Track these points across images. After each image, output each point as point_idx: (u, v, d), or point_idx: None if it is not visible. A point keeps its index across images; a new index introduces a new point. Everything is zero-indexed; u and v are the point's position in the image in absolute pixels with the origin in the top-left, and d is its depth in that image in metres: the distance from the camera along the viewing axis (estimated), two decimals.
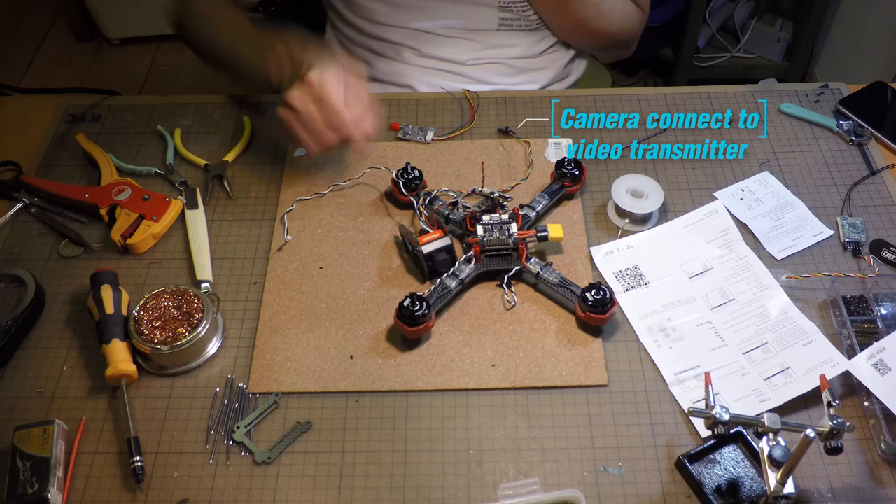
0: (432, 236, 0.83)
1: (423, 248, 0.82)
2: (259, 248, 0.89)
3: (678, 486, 0.71)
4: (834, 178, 0.95)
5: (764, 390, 0.76)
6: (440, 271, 0.84)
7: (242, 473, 0.72)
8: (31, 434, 0.72)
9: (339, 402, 0.77)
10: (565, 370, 0.78)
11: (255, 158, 0.99)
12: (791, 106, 1.03)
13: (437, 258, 0.83)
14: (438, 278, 0.82)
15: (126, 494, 0.71)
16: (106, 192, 0.92)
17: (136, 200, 0.91)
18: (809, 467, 0.72)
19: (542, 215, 0.91)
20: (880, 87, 1.06)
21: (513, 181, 0.95)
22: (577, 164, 0.91)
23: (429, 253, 0.82)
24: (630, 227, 0.90)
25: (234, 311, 0.84)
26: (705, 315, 0.82)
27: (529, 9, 1.06)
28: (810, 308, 0.83)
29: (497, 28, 1.08)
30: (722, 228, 0.89)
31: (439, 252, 0.82)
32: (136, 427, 0.74)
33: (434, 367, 0.79)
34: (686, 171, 0.96)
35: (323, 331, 0.82)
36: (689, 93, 1.06)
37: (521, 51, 1.11)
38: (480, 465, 0.72)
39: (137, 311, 0.79)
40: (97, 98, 1.06)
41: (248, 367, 0.79)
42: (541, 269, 0.83)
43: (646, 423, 0.75)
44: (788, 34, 2.17)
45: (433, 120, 1.03)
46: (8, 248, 0.90)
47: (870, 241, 0.88)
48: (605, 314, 0.78)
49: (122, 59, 2.51)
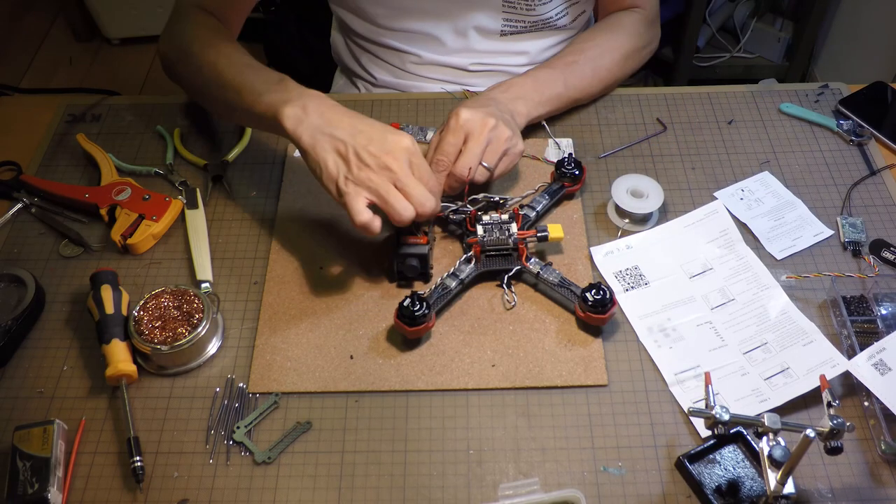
0: (415, 240, 0.83)
1: (399, 248, 0.83)
2: (259, 248, 0.89)
3: (678, 486, 0.71)
4: (834, 178, 0.95)
5: (764, 390, 0.76)
6: (406, 275, 0.84)
7: (242, 473, 0.72)
8: (31, 434, 0.72)
9: (339, 402, 0.77)
10: (565, 370, 0.78)
11: (255, 158, 0.99)
12: (791, 106, 1.03)
13: (408, 262, 0.83)
14: (405, 282, 0.84)
15: (126, 494, 0.71)
16: (106, 192, 0.92)
17: (137, 200, 0.91)
18: (809, 467, 0.72)
19: (542, 215, 0.91)
20: (880, 87, 1.06)
21: (513, 181, 0.94)
22: (577, 164, 0.91)
23: (402, 254, 0.82)
24: (630, 227, 0.90)
25: (234, 311, 0.84)
26: (705, 315, 0.82)
27: (534, 10, 1.05)
28: (810, 308, 0.83)
29: (500, 32, 1.08)
30: (722, 228, 0.89)
31: (411, 257, 0.82)
32: (136, 427, 0.74)
33: (434, 367, 0.79)
34: (686, 171, 0.96)
35: (323, 331, 0.82)
36: (689, 93, 1.06)
37: (526, 59, 1.10)
38: (480, 465, 0.72)
39: (137, 311, 0.79)
40: (97, 98, 1.06)
41: (248, 367, 0.79)
42: (541, 269, 0.83)
43: (646, 423, 0.75)
44: (788, 34, 2.17)
45: (433, 120, 1.03)
46: (8, 248, 0.90)
47: (870, 241, 0.88)
48: (605, 314, 0.78)
49: (122, 59, 2.51)
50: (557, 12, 1.07)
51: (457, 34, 1.08)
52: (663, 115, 1.03)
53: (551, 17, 1.07)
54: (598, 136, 1.00)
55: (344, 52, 1.19)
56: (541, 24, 1.08)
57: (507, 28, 1.07)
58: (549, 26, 1.09)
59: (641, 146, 0.99)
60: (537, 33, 1.09)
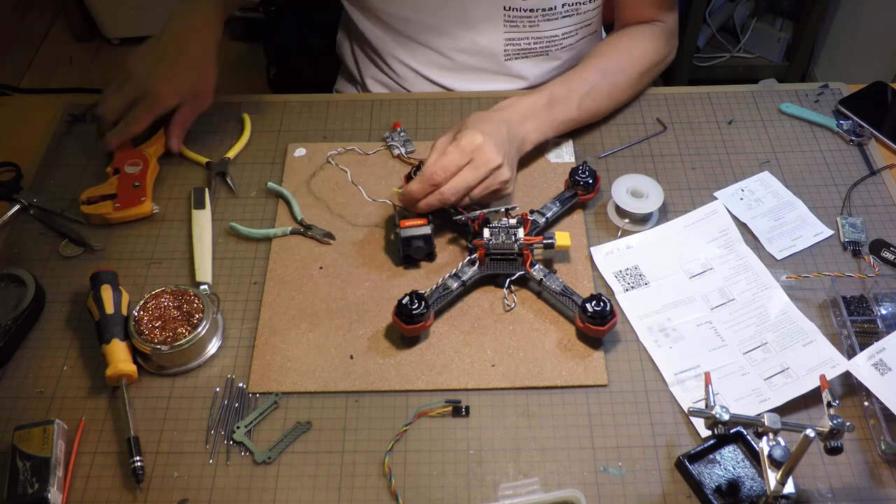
0: (416, 222, 0.84)
1: (402, 232, 0.83)
2: (259, 248, 0.89)
3: (678, 486, 0.71)
4: (834, 178, 0.95)
5: (764, 390, 0.76)
6: (414, 257, 0.85)
7: (242, 473, 0.72)
8: (31, 434, 0.72)
9: (339, 402, 0.77)
10: (565, 370, 0.78)
11: (255, 157, 0.99)
12: (791, 106, 1.03)
13: (413, 244, 0.84)
14: (412, 264, 0.86)
15: (126, 494, 0.71)
16: (134, 156, 0.95)
17: (129, 180, 0.93)
18: (809, 467, 0.72)
19: (552, 223, 0.90)
20: (880, 87, 1.06)
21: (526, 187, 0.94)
22: (591, 172, 0.90)
23: (406, 237, 0.83)
24: (630, 227, 0.90)
25: (234, 311, 0.84)
26: (705, 315, 0.82)
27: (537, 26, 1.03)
28: (810, 308, 0.83)
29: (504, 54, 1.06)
30: (722, 228, 0.89)
31: (416, 238, 0.83)
32: (136, 427, 0.74)
33: (434, 366, 0.79)
34: (686, 171, 0.96)
35: (323, 331, 0.82)
36: (689, 93, 1.06)
37: (527, 83, 1.09)
38: (480, 465, 0.72)
39: (137, 311, 0.79)
40: (97, 98, 1.06)
41: (248, 367, 0.79)
42: (544, 276, 0.82)
43: (646, 423, 0.75)
44: (788, 34, 2.17)
45: (433, 120, 1.03)
46: (8, 248, 0.90)
47: (870, 241, 0.88)
48: (604, 327, 0.77)
49: (122, 59, 2.51)
50: (564, 32, 1.05)
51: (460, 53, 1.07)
52: (663, 115, 1.03)
53: (556, 37, 1.06)
54: (598, 136, 1.00)
55: (349, 57, 1.19)
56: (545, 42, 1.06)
57: (511, 49, 1.06)
58: (555, 46, 1.07)
59: (641, 146, 0.99)
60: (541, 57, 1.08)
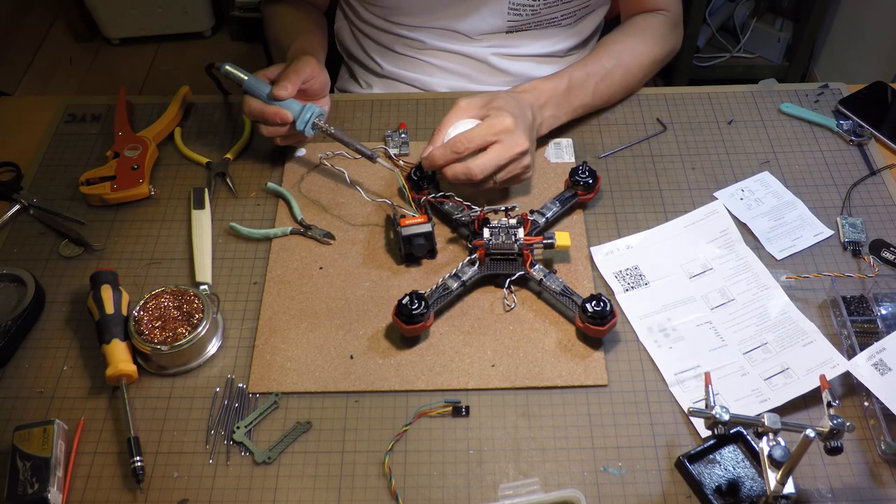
0: (416, 220, 0.84)
1: (403, 231, 0.83)
2: (259, 248, 0.89)
3: (678, 486, 0.71)
4: (834, 178, 0.95)
5: (764, 390, 0.76)
6: (416, 255, 0.85)
7: (242, 473, 0.72)
8: (31, 434, 0.72)
9: (339, 402, 0.77)
10: (565, 370, 0.78)
11: (255, 158, 0.99)
12: (791, 106, 1.03)
13: (415, 242, 0.84)
14: (414, 262, 0.86)
15: (126, 494, 0.71)
16: (134, 140, 0.96)
17: (128, 163, 0.94)
18: (809, 467, 0.72)
19: (553, 223, 0.90)
20: (880, 87, 1.06)
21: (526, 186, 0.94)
22: (591, 172, 0.90)
23: (407, 235, 0.83)
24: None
25: (234, 311, 0.84)
26: (705, 315, 0.82)
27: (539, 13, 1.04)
28: (810, 308, 0.83)
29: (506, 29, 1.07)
30: (722, 228, 0.89)
31: (417, 237, 0.84)
32: (136, 427, 0.74)
33: (434, 366, 0.79)
34: (686, 171, 0.96)
35: (323, 331, 0.82)
36: (689, 93, 1.06)
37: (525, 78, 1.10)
38: (480, 465, 0.72)
39: (137, 311, 0.79)
40: (97, 98, 1.06)
41: (248, 367, 0.79)
42: (544, 276, 0.82)
43: (646, 423, 0.75)
44: (788, 34, 2.17)
45: (434, 120, 1.03)
46: (8, 248, 0.90)
47: (870, 241, 0.88)
48: (604, 327, 0.77)
49: (122, 59, 2.51)
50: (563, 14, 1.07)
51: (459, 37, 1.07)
52: (663, 115, 1.03)
53: (556, 18, 1.07)
54: (598, 136, 1.00)
55: (350, 40, 1.18)
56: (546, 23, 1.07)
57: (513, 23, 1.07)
58: (554, 25, 1.08)
59: (641, 146, 0.99)
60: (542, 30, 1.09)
